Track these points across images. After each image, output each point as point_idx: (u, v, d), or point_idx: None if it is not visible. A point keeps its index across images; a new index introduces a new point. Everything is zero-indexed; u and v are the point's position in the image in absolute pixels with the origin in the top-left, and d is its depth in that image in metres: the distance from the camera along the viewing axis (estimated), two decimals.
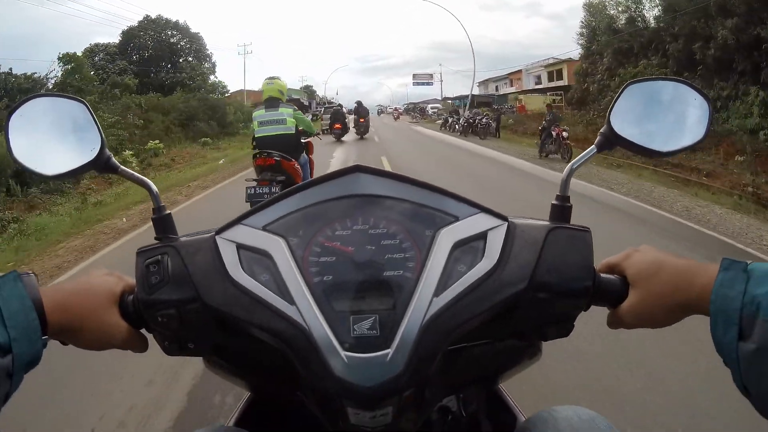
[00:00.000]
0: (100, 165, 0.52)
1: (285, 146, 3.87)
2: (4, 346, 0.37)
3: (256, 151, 3.93)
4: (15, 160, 0.51)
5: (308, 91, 69.13)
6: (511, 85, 42.68)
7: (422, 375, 0.42)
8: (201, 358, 0.54)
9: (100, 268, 0.50)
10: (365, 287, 0.44)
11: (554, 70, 31.62)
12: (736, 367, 0.37)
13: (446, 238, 0.46)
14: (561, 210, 0.52)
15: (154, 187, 0.54)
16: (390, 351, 0.41)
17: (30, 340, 0.39)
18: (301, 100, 34.96)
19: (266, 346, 0.45)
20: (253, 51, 69.48)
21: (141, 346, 0.49)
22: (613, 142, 0.52)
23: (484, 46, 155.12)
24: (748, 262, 0.39)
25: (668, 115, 0.52)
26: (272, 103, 3.94)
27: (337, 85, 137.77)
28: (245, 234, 0.48)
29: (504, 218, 0.49)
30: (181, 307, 0.46)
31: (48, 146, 0.53)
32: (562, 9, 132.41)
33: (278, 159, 3.80)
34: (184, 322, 0.46)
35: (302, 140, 4.14)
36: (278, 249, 0.46)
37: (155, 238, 0.52)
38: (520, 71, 40.47)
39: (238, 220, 0.49)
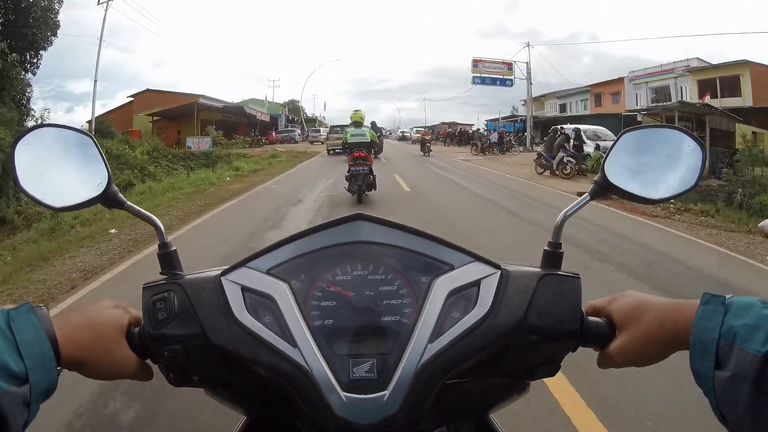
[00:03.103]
0: (107, 200, 0.53)
1: (365, 147, 7.50)
2: (21, 376, 0.38)
3: (348, 150, 7.80)
4: (22, 190, 0.51)
5: (293, 106, 61.06)
6: (597, 103, 30.87)
7: (416, 414, 0.45)
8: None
9: (106, 298, 0.51)
10: (364, 331, 0.47)
11: (712, 78, 20.76)
12: (713, 396, 0.39)
13: (442, 286, 0.49)
14: (552, 256, 0.53)
15: (160, 224, 0.55)
16: (386, 393, 0.44)
17: (45, 369, 0.40)
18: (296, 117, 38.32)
19: (268, 381, 0.47)
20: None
21: (147, 376, 0.51)
22: (606, 190, 0.54)
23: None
24: (728, 296, 0.41)
25: (662, 162, 0.54)
26: (357, 124, 7.74)
27: (331, 108, 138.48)
28: (250, 277, 0.50)
29: (497, 267, 0.51)
30: (187, 342, 0.48)
31: (54, 177, 0.53)
32: (561, 36, 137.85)
33: (365, 153, 7.39)
34: (190, 357, 0.48)
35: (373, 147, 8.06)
36: (281, 293, 0.48)
37: (161, 273, 0.54)
38: (618, 81, 28.84)
39: (243, 263, 0.51)
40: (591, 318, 0.51)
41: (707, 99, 17.44)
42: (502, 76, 28.88)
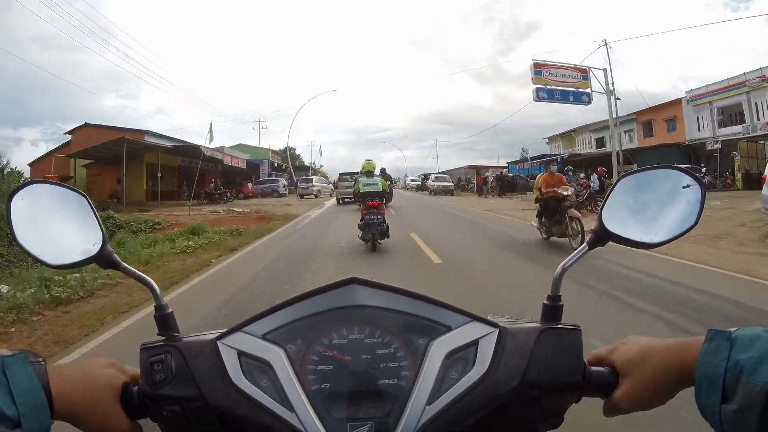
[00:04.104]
0: (102, 260, 0.54)
1: (377, 197, 7.39)
2: (14, 420, 0.38)
3: (360, 199, 7.61)
4: (19, 245, 0.52)
5: (289, 155, 61.77)
6: (647, 133, 26.02)
7: None
8: None
9: (100, 356, 0.51)
10: (361, 395, 0.47)
11: None
12: (719, 429, 0.39)
13: (439, 348, 0.48)
14: (552, 310, 0.52)
15: (156, 286, 0.56)
16: None
17: (39, 418, 0.40)
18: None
19: None
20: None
21: None
22: (604, 238, 0.53)
23: (479, 115, 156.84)
24: (732, 330, 0.40)
25: (661, 204, 0.53)
26: (369, 173, 7.72)
27: (333, 157, 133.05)
28: (246, 342, 0.50)
29: (495, 326, 0.50)
30: (185, 404, 0.48)
31: (49, 234, 0.53)
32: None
33: (378, 202, 7.26)
34: (188, 418, 0.48)
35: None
36: (277, 359, 0.48)
37: (158, 334, 0.54)
38: (673, 104, 23.47)
39: (238, 328, 0.51)
40: (593, 368, 0.50)
41: None
42: (575, 89, 20.33)
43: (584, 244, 0.54)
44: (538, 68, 20.13)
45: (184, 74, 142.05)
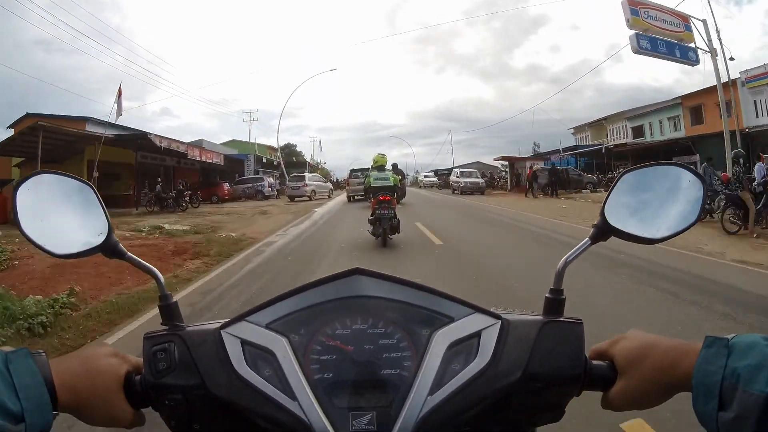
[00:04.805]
0: (107, 250, 0.54)
1: (389, 191, 7.02)
2: (17, 415, 0.39)
3: (371, 194, 7.25)
4: (24, 234, 0.51)
5: (288, 151, 56.67)
6: (696, 120, 21.84)
7: None
8: None
9: (104, 345, 0.51)
10: (364, 384, 0.47)
11: None
12: None
13: (442, 339, 0.49)
14: (554, 303, 0.53)
15: (161, 276, 0.56)
16: None
17: (41, 412, 0.41)
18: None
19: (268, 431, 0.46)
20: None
21: (141, 423, 0.50)
22: (606, 233, 0.54)
23: (486, 113, 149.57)
24: (730, 336, 0.41)
25: (662, 200, 0.53)
26: (381, 168, 7.36)
27: (339, 155, 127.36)
28: (249, 331, 0.50)
29: (497, 317, 0.50)
30: (187, 392, 0.48)
31: (55, 224, 0.53)
32: (561, 71, 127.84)
33: (390, 196, 6.90)
34: (191, 407, 0.48)
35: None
36: (281, 348, 0.48)
37: (161, 324, 0.54)
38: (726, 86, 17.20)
39: (242, 317, 0.51)
40: (594, 362, 0.50)
41: None
42: (678, 41, 14.36)
43: (587, 238, 0.54)
44: (635, 6, 13.90)
45: (184, 74, 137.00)
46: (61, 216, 0.53)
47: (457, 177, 26.53)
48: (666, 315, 3.51)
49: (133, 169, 20.75)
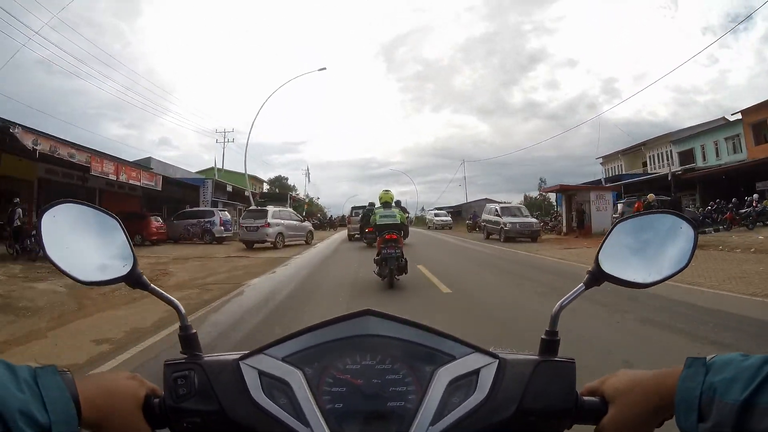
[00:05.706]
0: (131, 281, 0.57)
1: (395, 230, 6.84)
2: (45, 427, 0.40)
3: (376, 232, 7.09)
4: (49, 260, 0.53)
5: (279, 184, 52.58)
6: (759, 140, 19.25)
7: None
8: None
9: (123, 370, 0.55)
10: (372, 415, 0.51)
11: None
12: None
13: (443, 375, 0.52)
14: (549, 344, 0.56)
15: (182, 308, 0.58)
16: None
17: (68, 425, 0.42)
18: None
19: None
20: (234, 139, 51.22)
21: None
22: (600, 279, 0.57)
23: (483, 150, 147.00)
24: (710, 357, 0.44)
25: (654, 247, 0.56)
26: (387, 204, 7.15)
27: (336, 192, 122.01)
28: (267, 363, 0.53)
29: (495, 356, 0.54)
30: (206, 417, 0.51)
31: (80, 252, 0.55)
32: (557, 108, 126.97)
33: (396, 235, 6.73)
34: (208, 430, 0.51)
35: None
36: (296, 379, 0.52)
37: (181, 353, 0.57)
38: None
39: (261, 350, 0.55)
40: (585, 398, 0.53)
41: None
42: None
43: (581, 284, 0.57)
44: None
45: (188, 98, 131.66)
46: (85, 244, 0.55)
47: (496, 215, 18.19)
48: None
49: (31, 187, 15.07)
